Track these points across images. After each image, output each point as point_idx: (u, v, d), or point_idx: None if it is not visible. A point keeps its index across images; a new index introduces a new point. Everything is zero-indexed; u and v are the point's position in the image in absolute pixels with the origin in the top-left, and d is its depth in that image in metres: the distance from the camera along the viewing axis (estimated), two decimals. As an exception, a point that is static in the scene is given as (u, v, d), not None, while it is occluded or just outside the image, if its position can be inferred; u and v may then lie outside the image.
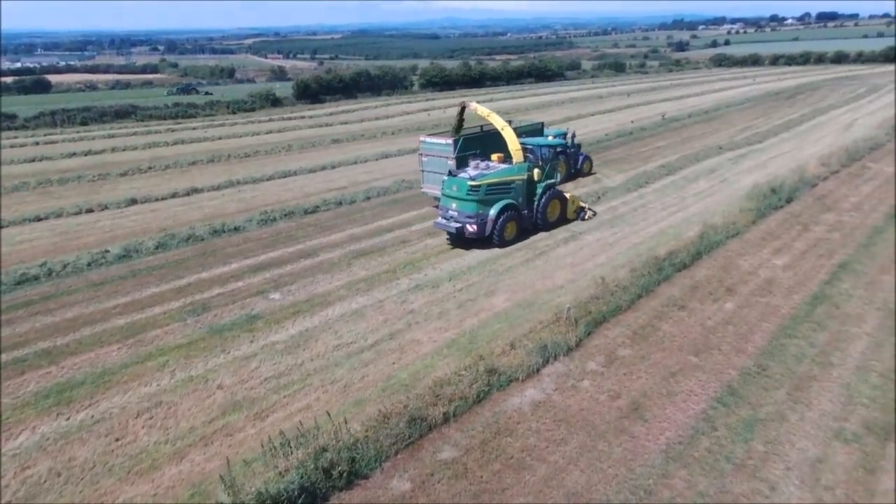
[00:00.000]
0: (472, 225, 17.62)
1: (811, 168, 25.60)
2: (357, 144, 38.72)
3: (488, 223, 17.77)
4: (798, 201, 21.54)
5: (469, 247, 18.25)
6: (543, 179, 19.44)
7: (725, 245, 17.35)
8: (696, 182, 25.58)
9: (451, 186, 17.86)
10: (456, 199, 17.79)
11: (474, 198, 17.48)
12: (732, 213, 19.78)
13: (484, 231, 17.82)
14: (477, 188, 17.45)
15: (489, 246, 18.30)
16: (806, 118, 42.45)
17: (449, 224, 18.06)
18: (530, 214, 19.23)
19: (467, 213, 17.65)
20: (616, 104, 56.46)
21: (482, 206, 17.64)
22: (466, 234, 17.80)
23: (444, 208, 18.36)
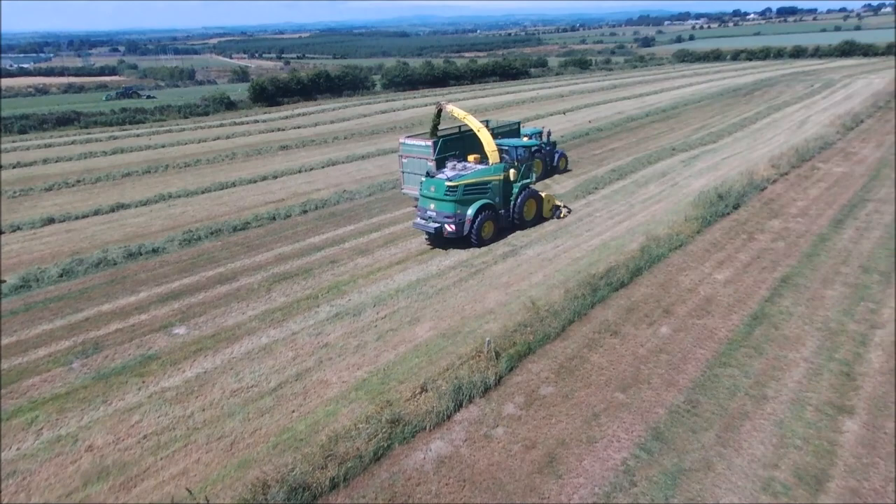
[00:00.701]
0: (451, 225, 17.92)
1: (761, 170, 25.15)
2: (305, 151, 37.21)
3: (466, 223, 18.07)
4: (745, 207, 20.96)
5: (404, 265, 17.14)
6: (519, 179, 19.75)
7: (667, 259, 16.56)
8: (646, 187, 24.90)
9: (430, 187, 18.16)
10: (434, 199, 18.09)
11: (452, 198, 17.80)
12: (678, 222, 19.05)
13: (462, 231, 18.08)
14: (455, 189, 17.75)
15: (423, 264, 17.23)
16: (761, 115, 42.41)
17: (427, 224, 18.28)
18: (507, 214, 19.54)
19: (445, 214, 17.96)
20: (576, 103, 55.93)
21: (460, 207, 17.98)
22: (445, 233, 18.06)
23: (423, 209, 18.58)
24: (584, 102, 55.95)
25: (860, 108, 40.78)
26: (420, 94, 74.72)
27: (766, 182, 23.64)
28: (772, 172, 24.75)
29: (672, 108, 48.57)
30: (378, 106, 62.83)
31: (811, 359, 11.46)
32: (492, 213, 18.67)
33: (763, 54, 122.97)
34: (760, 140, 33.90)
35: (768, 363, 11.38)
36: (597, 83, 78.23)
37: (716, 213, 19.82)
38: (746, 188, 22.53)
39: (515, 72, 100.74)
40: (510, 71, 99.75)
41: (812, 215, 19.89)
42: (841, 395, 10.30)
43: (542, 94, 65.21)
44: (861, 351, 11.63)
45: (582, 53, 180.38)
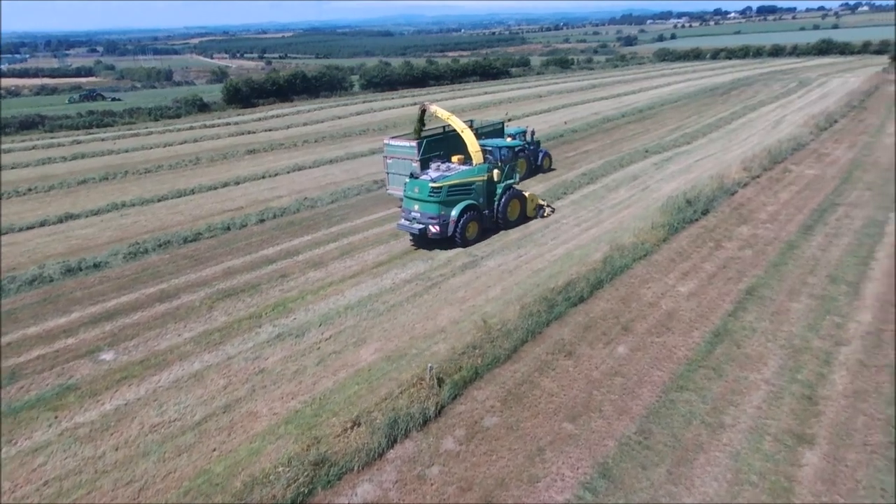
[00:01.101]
0: (435, 226, 17.91)
1: (732, 173, 24.65)
2: (273, 155, 36.14)
3: (450, 224, 18.13)
4: (715, 212, 20.40)
5: (357, 279, 16.29)
6: (503, 180, 19.77)
7: (631, 270, 15.90)
8: (616, 191, 24.29)
9: (414, 188, 18.24)
10: (418, 200, 18.16)
11: (436, 199, 17.85)
12: (644, 229, 18.40)
13: (446, 231, 18.14)
14: (439, 189, 17.80)
15: (378, 277, 16.39)
16: (736, 115, 42.14)
17: (412, 225, 18.33)
18: (491, 214, 19.60)
19: (430, 215, 18.00)
20: (554, 103, 55.38)
21: (444, 207, 18.03)
22: (429, 234, 18.02)
23: (407, 210, 18.68)
24: (561, 103, 55.42)
25: (834, 108, 40.65)
26: (399, 95, 73.74)
27: (737, 186, 23.13)
28: (743, 175, 24.27)
29: (649, 109, 48.18)
30: (355, 107, 61.78)
31: (772, 380, 10.83)
32: (476, 214, 18.75)
33: (742, 53, 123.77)
34: (735, 141, 33.51)
35: (727, 386, 10.72)
36: (576, 83, 77.84)
37: (684, 219, 19.22)
38: (717, 193, 21.98)
39: (496, 72, 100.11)
40: (490, 71, 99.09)
41: (781, 221, 19.37)
42: (801, 423, 9.66)
43: (520, 95, 64.60)
44: (825, 371, 11.02)
45: (565, 52, 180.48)
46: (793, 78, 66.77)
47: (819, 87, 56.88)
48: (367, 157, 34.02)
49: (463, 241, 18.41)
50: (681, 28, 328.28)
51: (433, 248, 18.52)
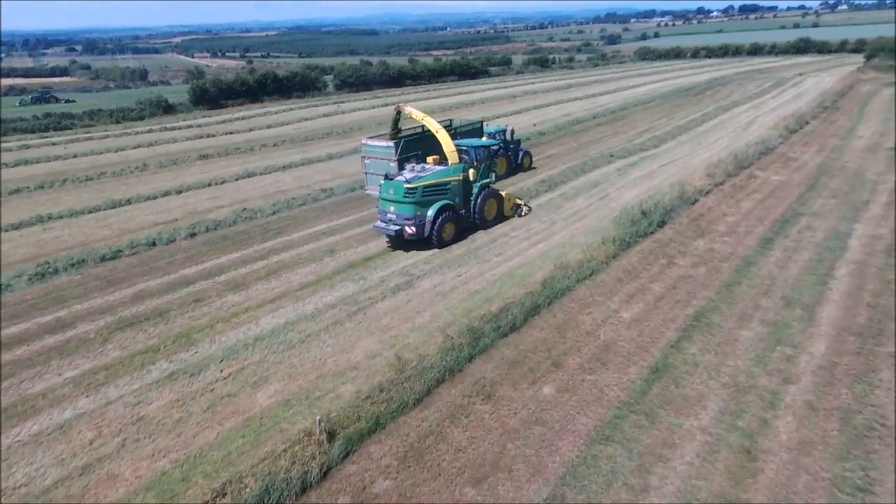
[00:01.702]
0: (411, 227, 17.82)
1: (695, 180, 23.53)
2: (226, 160, 34.49)
3: (427, 224, 18.05)
4: (672, 224, 19.23)
5: (277, 303, 14.86)
6: (479, 179, 19.68)
7: (574, 292, 14.63)
8: (574, 200, 23.06)
9: (389, 189, 18.13)
10: (394, 201, 18.03)
11: (411, 200, 17.75)
12: (594, 245, 17.17)
13: (423, 232, 18.05)
14: (414, 190, 17.72)
15: (300, 301, 14.97)
16: (708, 117, 41.19)
17: (388, 227, 18.22)
18: (468, 214, 19.55)
19: (405, 216, 17.88)
20: (527, 104, 54.17)
21: (420, 208, 17.93)
22: (406, 235, 17.92)
23: (383, 212, 18.56)
24: (534, 103, 54.23)
25: (807, 109, 39.85)
26: (372, 96, 72.18)
27: (699, 194, 21.99)
28: (706, 183, 23.15)
29: (621, 110, 47.13)
30: (325, 108, 60.17)
31: (710, 428, 9.59)
32: (452, 214, 18.66)
33: (722, 52, 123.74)
34: (703, 144, 32.48)
35: (659, 436, 9.46)
36: (553, 83, 76.79)
37: (637, 233, 18.00)
38: (676, 202, 20.82)
39: (475, 71, 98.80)
40: (469, 70, 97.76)
41: (740, 233, 18.23)
42: (736, 484, 8.42)
43: (494, 95, 63.36)
44: (768, 416, 9.81)
45: (548, 51, 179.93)
46: (768, 77, 66.21)
47: (793, 86, 56.26)
48: (324, 163, 32.56)
49: (440, 241, 18.24)
50: (664, 27, 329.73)
51: (367, 268, 17.16)
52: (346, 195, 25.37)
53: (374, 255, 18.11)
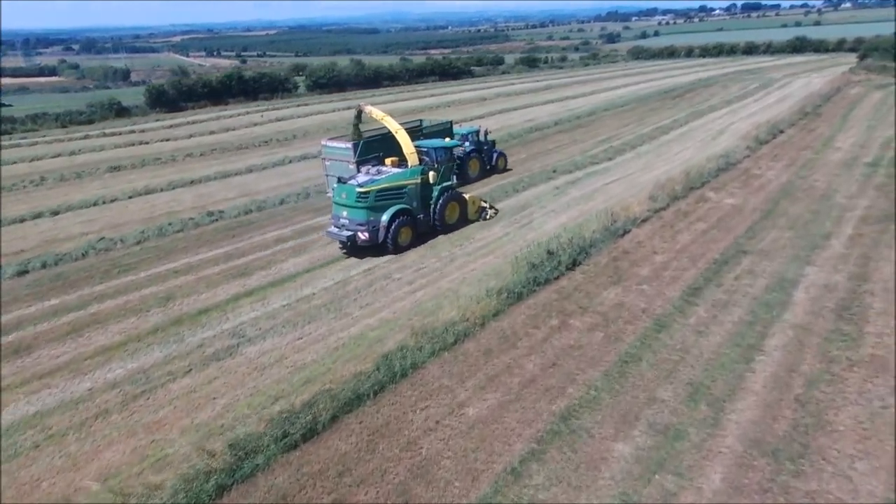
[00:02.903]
0: (364, 232, 17.23)
1: (634, 205, 20.11)
2: (135, 174, 31.14)
3: (381, 230, 17.44)
4: (586, 265, 15.82)
5: (46, 380, 11.54)
6: (439, 182, 19.05)
7: (421, 370, 11.25)
8: (489, 228, 19.69)
9: (341, 194, 17.58)
10: (346, 206, 17.41)
11: (364, 205, 17.14)
12: (477, 297, 13.78)
13: (377, 238, 17.44)
14: (366, 195, 17.13)
15: (80, 376, 11.64)
16: (679, 123, 37.65)
17: (340, 233, 17.56)
18: (427, 218, 18.87)
19: (358, 221, 17.27)
20: (494, 107, 50.67)
21: (373, 213, 17.32)
22: (359, 241, 17.33)
23: (336, 217, 17.90)
24: (502, 107, 50.74)
25: (786, 115, 36.25)
26: (341, 98, 68.81)
27: (632, 223, 18.54)
28: (644, 208, 19.71)
29: (589, 115, 43.60)
30: (285, 111, 56.91)
31: None
32: (409, 219, 18.01)
33: (717, 51, 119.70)
34: (663, 157, 29.00)
35: None
36: (533, 84, 73.24)
37: (536, 280, 14.59)
38: (601, 234, 17.41)
39: (457, 71, 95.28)
40: (451, 70, 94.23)
41: (665, 279, 14.81)
42: None
43: (465, 98, 59.86)
44: None
45: (545, 50, 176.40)
46: (757, 78, 62.44)
47: (779, 88, 52.53)
48: (240, 177, 29.30)
49: (395, 247, 17.57)
50: (665, 25, 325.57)
51: (196, 324, 13.81)
52: (236, 218, 22.06)
53: (215, 306, 14.77)
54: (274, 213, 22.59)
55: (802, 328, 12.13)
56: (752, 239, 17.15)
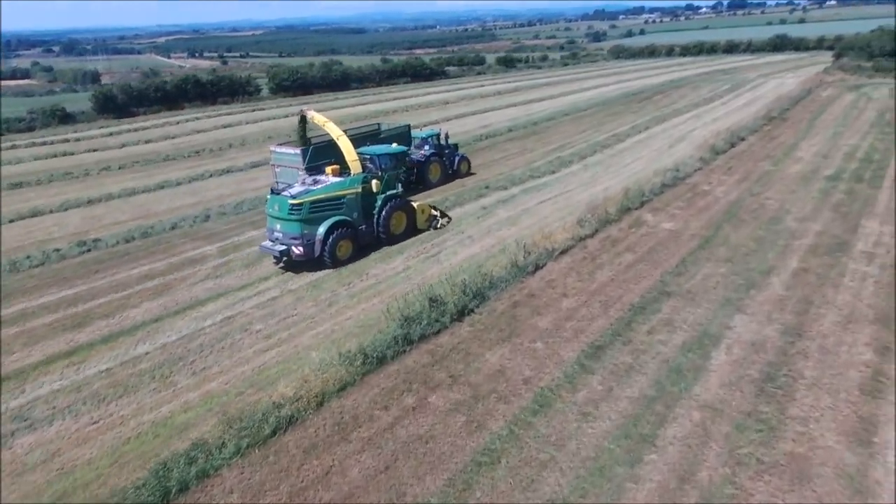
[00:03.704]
0: (298, 247, 16.32)
1: (558, 232, 17.63)
2: (35, 192, 28.13)
3: (316, 244, 16.52)
4: (478, 313, 13.28)
5: None
6: (384, 191, 18.21)
7: (213, 478, 8.67)
8: (386, 262, 17.11)
9: (274, 205, 16.69)
10: (279, 219, 16.53)
11: (297, 217, 16.20)
12: (330, 363, 11.21)
13: (313, 252, 16.55)
14: (299, 206, 16.21)
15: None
16: (638, 129, 35.25)
17: (274, 247, 16.66)
18: (371, 229, 17.98)
19: (292, 235, 16.38)
20: (455, 111, 48.17)
21: (308, 226, 16.38)
22: (293, 256, 16.43)
23: (270, 230, 17.09)
24: (460, 111, 48.22)
25: (751, 120, 33.98)
26: (302, 101, 65.93)
27: (549, 256, 16.05)
28: (568, 236, 17.20)
29: (548, 120, 41.11)
30: (236, 116, 54.12)
31: None
32: (349, 231, 17.08)
33: (697, 50, 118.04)
34: (612, 168, 26.56)
35: None
36: (503, 85, 70.80)
37: (407, 338, 12.02)
38: (507, 273, 14.88)
39: (430, 72, 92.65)
40: (423, 72, 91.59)
41: (566, 334, 12.29)
42: None
43: (429, 101, 57.31)
44: None
45: (531, 49, 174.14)
46: (730, 79, 60.25)
47: (751, 90, 50.33)
48: (148, 195, 26.58)
49: (333, 261, 16.65)
50: (651, 24, 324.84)
51: None
52: (111, 248, 19.33)
53: (17, 373, 12.07)
54: (158, 241, 19.91)
55: (712, 409, 9.65)
56: (681, 276, 14.68)
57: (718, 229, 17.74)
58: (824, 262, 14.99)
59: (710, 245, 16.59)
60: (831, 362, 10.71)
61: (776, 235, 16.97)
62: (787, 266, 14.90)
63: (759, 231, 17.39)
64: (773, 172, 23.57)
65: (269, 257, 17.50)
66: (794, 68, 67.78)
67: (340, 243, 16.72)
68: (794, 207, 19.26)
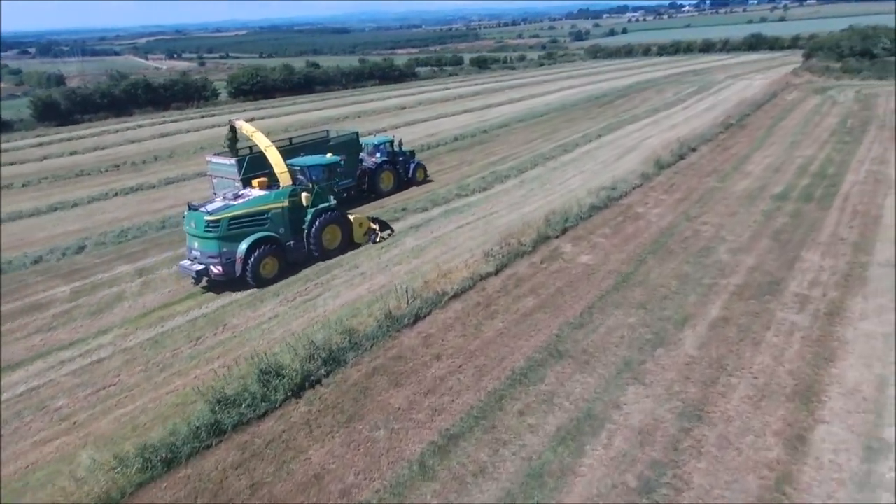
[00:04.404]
0: (217, 266, 15.29)
1: (460, 270, 15.34)
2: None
3: (237, 262, 15.47)
4: (319, 389, 10.92)
5: None
6: (315, 204, 17.29)
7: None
8: (259, 306, 14.73)
9: (191, 222, 15.62)
10: (197, 237, 15.47)
11: (214, 235, 15.15)
12: (107, 463, 8.84)
13: (233, 271, 15.50)
14: (216, 223, 15.16)
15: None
16: (589, 138, 33.09)
17: (191, 267, 15.61)
18: (301, 245, 17.10)
19: (210, 253, 15.31)
20: (409, 118, 45.75)
21: (226, 244, 15.35)
22: (212, 276, 15.46)
23: (189, 248, 16.11)
24: (414, 117, 45.81)
25: (707, 128, 31.96)
26: (257, 106, 63.31)
27: (437, 302, 13.72)
28: (467, 275, 14.91)
29: (500, 127, 38.84)
30: (183, 124, 51.37)
31: None
32: (274, 248, 16.13)
33: (674, 49, 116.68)
34: (548, 185, 24.31)
35: None
36: (468, 88, 68.58)
37: (218, 427, 9.64)
38: (375, 327, 12.55)
39: (399, 74, 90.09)
40: (392, 74, 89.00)
41: (420, 416, 9.96)
42: None
43: (384, 106, 54.73)
44: None
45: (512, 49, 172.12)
46: (698, 81, 58.36)
47: (715, 93, 48.40)
48: (34, 219, 24.03)
49: (258, 280, 15.74)
50: (635, 22, 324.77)
51: None
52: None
53: None
54: (12, 280, 17.27)
55: (562, 542, 7.39)
56: (583, 328, 12.43)
57: (641, 264, 15.52)
58: (750, 308, 12.82)
59: (627, 285, 14.37)
60: (729, 462, 8.49)
61: (703, 271, 14.78)
62: (706, 314, 12.70)
63: (686, 266, 15.20)
64: (717, 190, 21.44)
65: (123, 301, 15.05)
66: (765, 69, 66.15)
67: (265, 261, 15.81)
68: (730, 235, 17.11)
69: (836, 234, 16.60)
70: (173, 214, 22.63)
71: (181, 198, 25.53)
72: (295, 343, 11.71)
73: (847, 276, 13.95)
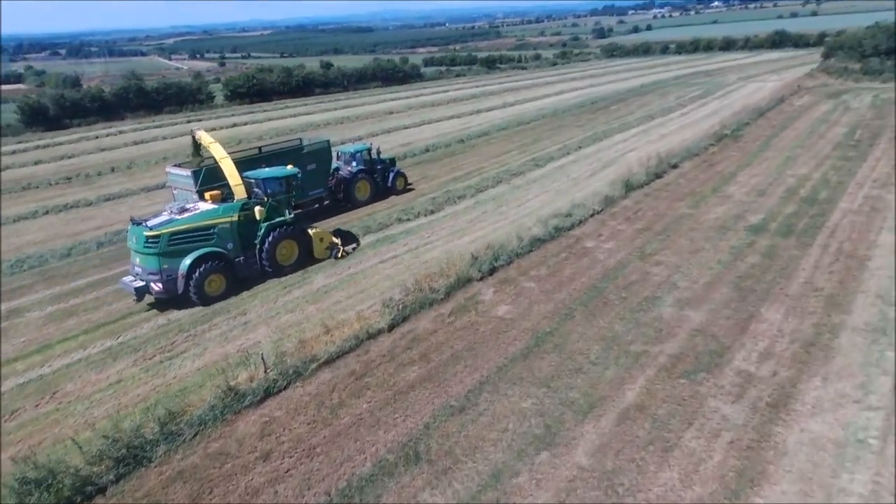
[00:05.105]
0: (157, 283, 14.81)
1: (350, 324, 13.01)
2: None
3: (179, 279, 14.88)
4: (140, 474, 8.71)
5: None
6: (269, 217, 16.45)
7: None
8: (126, 357, 12.64)
9: (132, 238, 15.18)
10: (138, 252, 14.99)
11: (154, 251, 14.70)
12: None
13: (175, 289, 14.92)
14: (156, 238, 14.65)
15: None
16: (568, 150, 30.30)
17: (132, 283, 14.98)
18: (253, 261, 16.29)
19: (150, 270, 14.86)
20: (391, 124, 43.47)
21: (168, 260, 14.81)
22: (153, 293, 14.92)
23: (131, 264, 15.57)
24: (394, 124, 43.45)
25: (698, 139, 28.91)
26: (248, 110, 61.85)
27: (297, 375, 11.39)
28: (352, 332, 12.53)
29: (479, 136, 36.23)
30: (165, 130, 50.08)
31: None
32: (221, 264, 15.44)
33: (693, 47, 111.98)
34: (504, 207, 21.73)
35: None
36: (465, 91, 65.99)
37: None
38: (206, 410, 10.29)
39: (403, 75, 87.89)
40: (396, 75, 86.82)
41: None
42: None
43: (371, 111, 52.54)
44: None
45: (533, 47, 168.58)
46: (706, 83, 54.69)
47: (720, 98, 44.89)
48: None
49: (202, 298, 15.10)
50: (661, 18, 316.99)
51: None
52: None
53: None
54: None
55: None
56: (461, 414, 9.97)
57: (566, 319, 12.94)
58: (676, 391, 10.19)
59: (540, 350, 11.83)
60: None
61: (636, 333, 12.15)
62: (620, 399, 10.12)
63: (618, 324, 12.58)
64: (686, 219, 18.61)
65: None
66: (783, 69, 61.94)
67: (210, 278, 15.21)
68: (684, 280, 14.39)
69: (810, 283, 13.76)
70: (87, 240, 20.92)
71: (112, 218, 23.83)
72: (92, 434, 9.55)
73: (809, 347, 11.18)
